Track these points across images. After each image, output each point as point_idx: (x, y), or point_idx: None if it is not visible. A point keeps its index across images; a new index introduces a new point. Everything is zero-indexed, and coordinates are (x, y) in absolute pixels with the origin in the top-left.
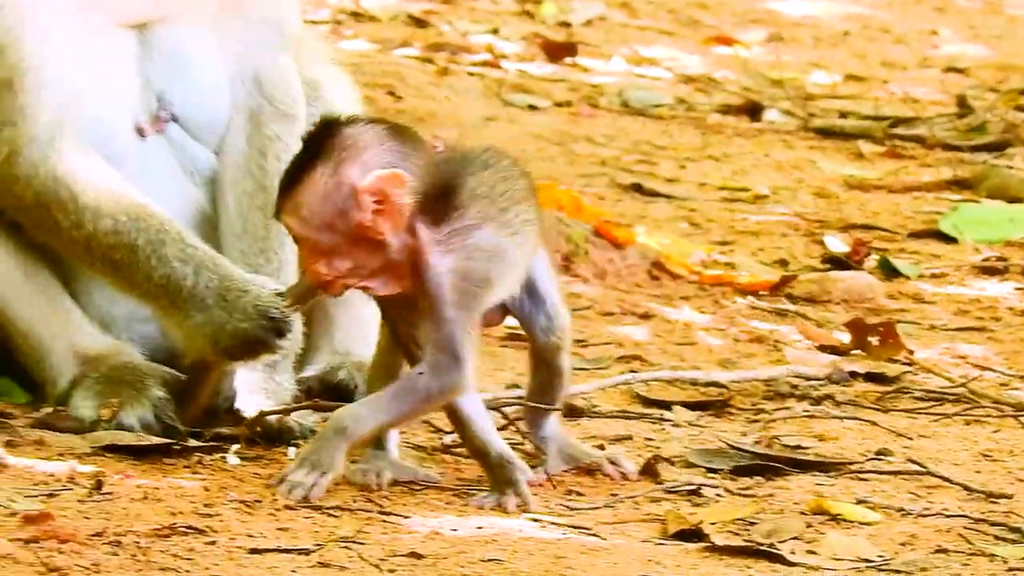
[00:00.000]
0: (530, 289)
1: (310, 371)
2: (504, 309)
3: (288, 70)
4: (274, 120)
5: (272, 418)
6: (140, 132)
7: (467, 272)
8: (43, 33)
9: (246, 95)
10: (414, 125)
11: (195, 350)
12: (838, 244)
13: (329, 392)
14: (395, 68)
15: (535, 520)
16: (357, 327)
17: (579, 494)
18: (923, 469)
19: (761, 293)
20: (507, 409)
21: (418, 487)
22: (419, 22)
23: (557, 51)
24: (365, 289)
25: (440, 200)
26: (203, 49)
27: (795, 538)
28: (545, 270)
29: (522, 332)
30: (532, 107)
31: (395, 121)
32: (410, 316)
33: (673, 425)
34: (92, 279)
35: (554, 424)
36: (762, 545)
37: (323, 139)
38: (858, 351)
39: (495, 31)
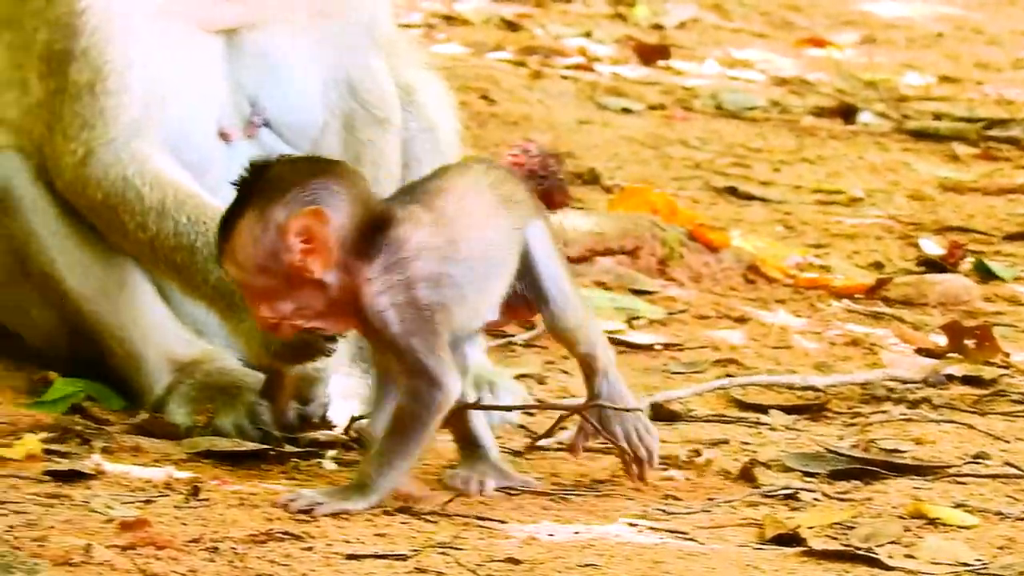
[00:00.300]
0: (536, 289)
1: None
2: (527, 302)
3: (381, 74)
4: (368, 125)
5: (367, 424)
6: (224, 137)
7: (411, 302)
8: (128, 37)
9: (339, 100)
10: (507, 129)
11: (252, 354)
12: (933, 247)
13: None
14: (488, 72)
15: (632, 525)
16: None
17: (676, 498)
18: (1021, 472)
19: (857, 296)
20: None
21: (515, 492)
22: (512, 25)
23: (650, 54)
24: (315, 330)
25: (374, 235)
26: (296, 54)
27: (893, 542)
28: (550, 270)
29: (623, 337)
30: (626, 110)
31: (328, 157)
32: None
33: (770, 429)
34: None
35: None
36: (860, 549)
37: (251, 182)
38: (954, 354)
39: (588, 34)
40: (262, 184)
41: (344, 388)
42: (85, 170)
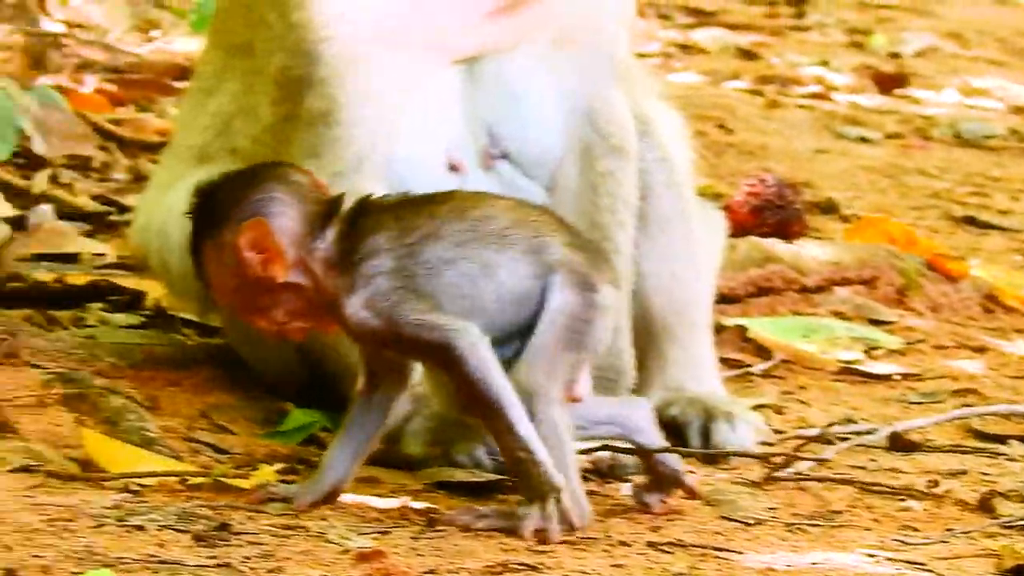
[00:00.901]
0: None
1: None
2: None
3: (620, 105)
4: (606, 155)
5: (604, 454)
6: (454, 169)
7: (378, 295)
8: (368, 67)
9: (578, 130)
10: (744, 158)
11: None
12: None
13: (663, 428)
14: (725, 101)
15: (870, 555)
16: (690, 363)
17: (914, 529)
18: None
19: None
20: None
21: (750, 521)
22: (748, 54)
23: (888, 82)
24: (317, 328)
25: (326, 228)
26: (535, 84)
27: None
28: (542, 333)
29: (862, 367)
30: (863, 139)
31: (265, 163)
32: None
33: (1009, 460)
34: None
35: None
36: None
37: (199, 211)
38: None
39: (825, 63)
40: (207, 210)
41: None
42: None
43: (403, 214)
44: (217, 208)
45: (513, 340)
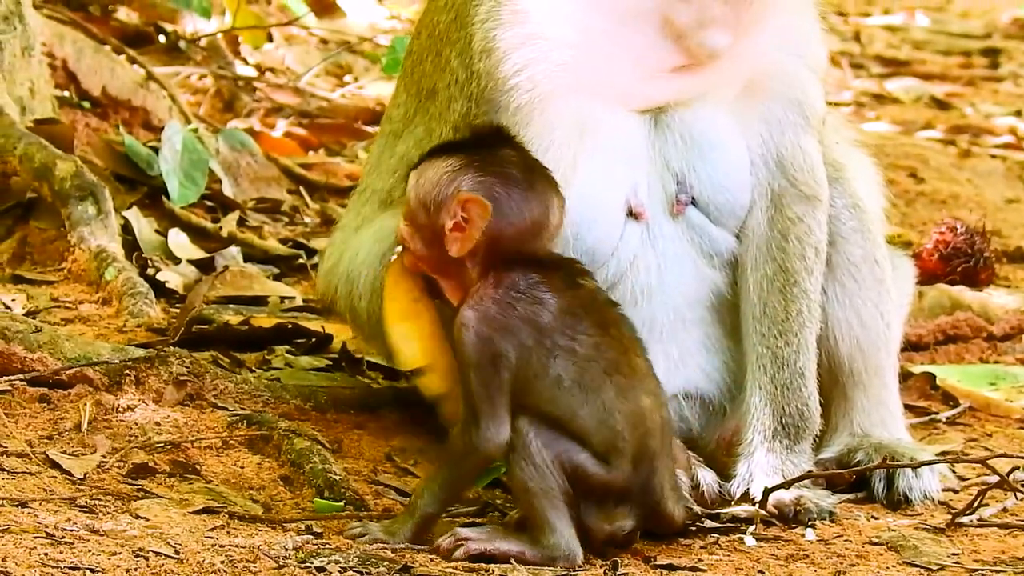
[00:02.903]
0: None
1: (828, 453)
2: None
3: (812, 153)
4: (796, 203)
5: (788, 499)
6: (634, 216)
7: (482, 336)
8: (551, 117)
9: (768, 177)
10: (935, 207)
11: None
12: None
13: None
14: (917, 150)
15: None
16: (876, 409)
17: None
18: None
19: None
20: None
21: (934, 567)
22: (941, 104)
23: None
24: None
25: (510, 262)
26: (724, 131)
27: None
28: None
29: None
30: None
31: (549, 182)
32: None
33: None
34: None
35: None
36: None
37: (465, 143)
38: None
39: (1018, 113)
40: (470, 152)
41: (766, 465)
42: None
43: (568, 292)
44: (488, 161)
45: None
